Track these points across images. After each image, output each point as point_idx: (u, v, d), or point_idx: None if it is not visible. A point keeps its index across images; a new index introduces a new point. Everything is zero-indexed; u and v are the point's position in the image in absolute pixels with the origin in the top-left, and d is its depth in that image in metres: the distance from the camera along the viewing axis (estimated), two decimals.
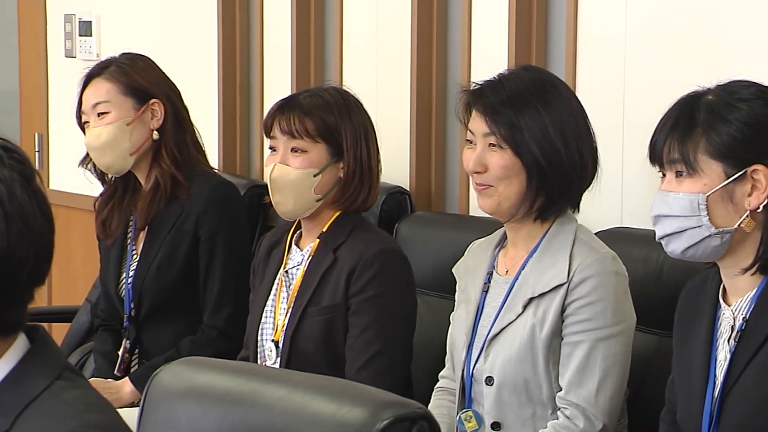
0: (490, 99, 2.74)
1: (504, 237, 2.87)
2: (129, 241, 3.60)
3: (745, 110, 2.32)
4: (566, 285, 2.69)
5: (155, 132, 3.53)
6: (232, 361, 1.94)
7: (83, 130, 3.57)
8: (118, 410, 1.68)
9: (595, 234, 2.90)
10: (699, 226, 2.33)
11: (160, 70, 3.62)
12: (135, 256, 3.57)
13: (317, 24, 4.17)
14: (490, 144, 2.74)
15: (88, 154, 3.59)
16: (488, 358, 2.76)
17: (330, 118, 3.07)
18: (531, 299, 2.73)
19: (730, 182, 2.31)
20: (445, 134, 3.84)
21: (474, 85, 2.80)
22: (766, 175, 2.30)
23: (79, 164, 3.65)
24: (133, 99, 3.52)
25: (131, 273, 3.56)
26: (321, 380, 1.81)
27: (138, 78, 3.54)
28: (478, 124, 2.75)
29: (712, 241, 2.33)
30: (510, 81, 2.76)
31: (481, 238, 2.98)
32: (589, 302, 2.68)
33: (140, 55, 3.64)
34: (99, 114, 3.51)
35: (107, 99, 3.51)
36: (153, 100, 3.53)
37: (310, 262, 3.10)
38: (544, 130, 2.71)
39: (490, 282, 2.84)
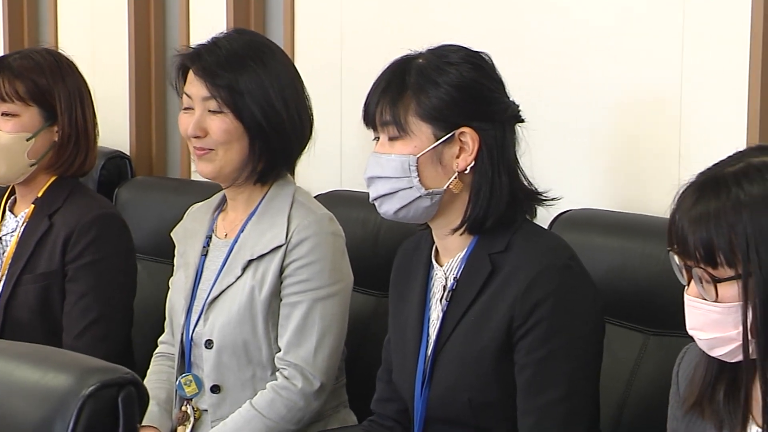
0: (208, 61, 2.70)
1: (223, 200, 2.86)
2: None
3: (454, 74, 2.36)
4: (284, 246, 2.70)
5: None
6: None
7: None
8: None
9: (315, 197, 2.92)
10: (410, 187, 2.36)
11: None
12: None
13: None
14: (210, 109, 2.71)
15: None
16: (208, 322, 2.75)
17: (42, 80, 3.00)
18: (250, 261, 2.73)
19: (439, 144, 2.36)
20: (165, 98, 3.80)
21: (188, 48, 2.77)
22: (473, 137, 2.35)
23: None
24: None
25: None
26: (26, 348, 1.78)
27: None
28: (196, 88, 2.71)
29: (422, 202, 2.37)
30: (226, 43, 2.73)
31: (201, 202, 2.96)
32: (307, 263, 2.70)
33: None
34: None
35: None
36: None
37: (24, 229, 3.03)
38: (265, 92, 2.70)
39: (209, 246, 2.83)
